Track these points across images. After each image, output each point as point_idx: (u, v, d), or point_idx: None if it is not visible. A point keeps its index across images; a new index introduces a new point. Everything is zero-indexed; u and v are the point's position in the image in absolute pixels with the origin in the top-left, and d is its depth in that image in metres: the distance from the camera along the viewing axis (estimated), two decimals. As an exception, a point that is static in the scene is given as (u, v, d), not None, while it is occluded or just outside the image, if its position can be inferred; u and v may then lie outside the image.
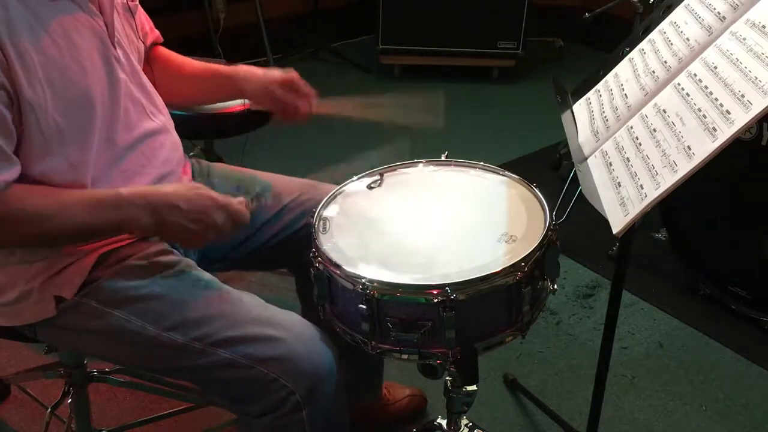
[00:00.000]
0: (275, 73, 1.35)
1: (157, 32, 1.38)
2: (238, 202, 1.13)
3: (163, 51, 1.41)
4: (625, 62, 1.27)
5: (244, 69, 1.36)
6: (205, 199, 1.09)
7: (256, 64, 4.10)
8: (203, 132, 2.05)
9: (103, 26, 1.11)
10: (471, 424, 1.44)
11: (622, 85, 1.22)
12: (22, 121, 1.00)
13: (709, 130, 0.94)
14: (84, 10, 1.08)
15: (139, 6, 1.31)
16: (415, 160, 1.33)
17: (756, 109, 0.90)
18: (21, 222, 1.01)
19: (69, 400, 1.46)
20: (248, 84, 1.35)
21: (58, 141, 1.04)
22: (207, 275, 1.20)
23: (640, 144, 1.07)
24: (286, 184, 1.42)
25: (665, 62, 1.15)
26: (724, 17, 1.08)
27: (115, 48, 1.13)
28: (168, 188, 1.12)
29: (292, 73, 1.35)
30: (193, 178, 1.37)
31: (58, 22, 1.03)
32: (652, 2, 2.12)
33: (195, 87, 1.42)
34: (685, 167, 0.94)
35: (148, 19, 1.34)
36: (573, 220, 2.33)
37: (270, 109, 1.37)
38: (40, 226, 1.02)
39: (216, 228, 1.09)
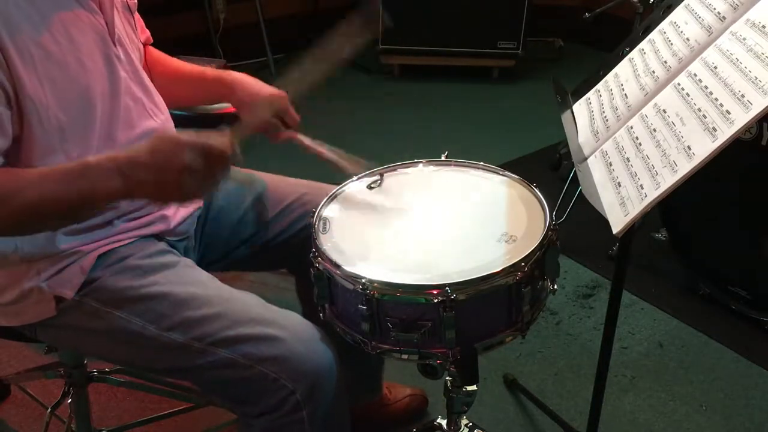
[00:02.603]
0: (266, 91, 1.32)
1: (147, 33, 1.37)
2: (215, 135, 1.01)
3: (153, 52, 1.40)
4: (625, 62, 1.27)
5: (232, 76, 1.34)
6: (166, 143, 0.99)
7: (256, 64, 4.12)
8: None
9: (103, 24, 1.11)
10: (471, 424, 1.44)
11: (622, 85, 1.23)
12: (23, 119, 1.00)
13: (709, 130, 0.94)
14: (84, 7, 1.08)
15: None
16: (415, 160, 1.33)
17: (756, 109, 0.90)
18: None
19: (69, 400, 1.46)
20: (238, 94, 1.33)
21: (60, 138, 1.04)
22: (207, 275, 1.20)
23: (640, 144, 1.07)
24: (287, 185, 1.42)
25: (665, 62, 1.15)
26: (724, 17, 1.08)
27: (115, 46, 1.13)
28: (136, 145, 1.02)
29: (280, 95, 1.32)
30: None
31: (58, 19, 1.03)
32: (652, 2, 2.11)
33: (184, 90, 1.40)
34: (685, 167, 0.95)
35: (140, 18, 1.34)
36: (573, 220, 2.34)
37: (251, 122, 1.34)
38: (8, 205, 0.96)
39: (189, 171, 0.97)
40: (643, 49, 1.24)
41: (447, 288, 1.00)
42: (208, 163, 0.98)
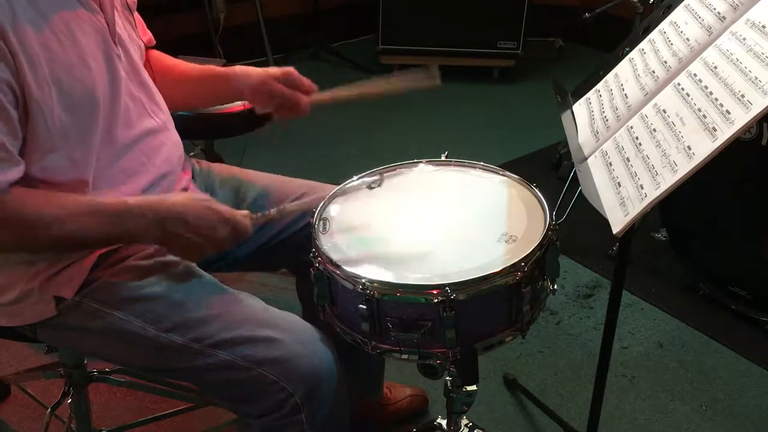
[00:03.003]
0: (273, 69, 1.32)
1: (149, 34, 1.37)
2: (242, 215, 1.12)
3: (156, 54, 1.39)
4: (625, 62, 1.27)
5: (240, 68, 1.34)
6: (213, 214, 1.09)
7: (256, 64, 4.12)
8: (203, 132, 2.05)
9: (104, 23, 1.11)
10: (471, 424, 1.43)
11: (622, 85, 1.23)
12: (28, 120, 1.00)
13: (709, 130, 0.94)
14: (85, 6, 1.08)
15: None
16: (415, 160, 1.33)
17: (756, 109, 0.90)
18: (21, 227, 1.00)
19: (69, 400, 1.46)
20: (245, 81, 1.32)
21: (62, 138, 1.04)
22: (207, 276, 1.20)
23: (640, 144, 1.07)
24: (286, 185, 1.42)
25: (665, 62, 1.15)
26: (724, 17, 1.08)
27: (116, 45, 1.13)
28: (177, 199, 1.10)
29: (290, 69, 1.33)
30: (193, 178, 1.36)
31: (61, 20, 1.03)
32: (652, 2, 2.12)
33: (190, 90, 1.40)
34: (685, 167, 0.95)
35: (141, 20, 1.34)
36: (573, 220, 2.34)
37: (269, 106, 1.33)
38: (41, 233, 1.01)
39: (218, 241, 1.09)
40: (643, 49, 1.24)
41: (447, 288, 1.00)
42: (233, 238, 1.11)
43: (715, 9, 1.11)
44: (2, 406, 1.79)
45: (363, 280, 1.02)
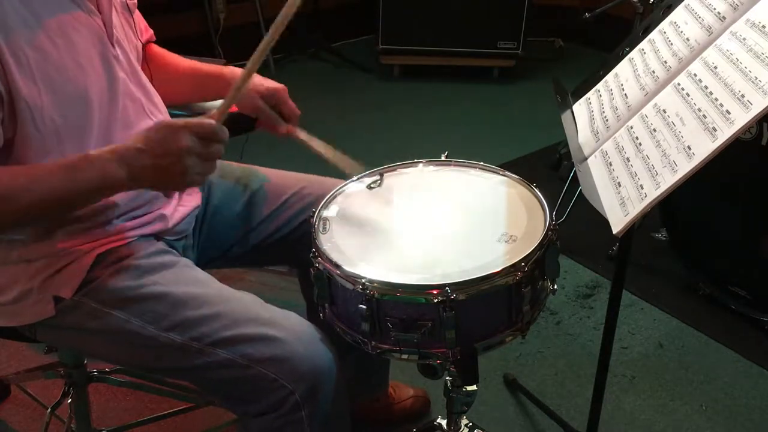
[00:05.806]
0: (263, 82, 1.34)
1: (150, 31, 1.37)
2: (202, 117, 1.04)
3: (158, 49, 1.39)
4: (625, 62, 1.27)
5: (230, 71, 1.35)
6: (162, 130, 1.01)
7: (256, 64, 4.06)
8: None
9: (101, 25, 1.11)
10: (471, 424, 1.43)
11: (622, 85, 1.22)
12: (17, 121, 1.00)
13: (709, 130, 0.94)
14: (82, 8, 1.08)
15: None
16: (415, 160, 1.33)
17: (756, 109, 0.90)
18: None
19: (69, 400, 1.47)
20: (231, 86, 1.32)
21: (56, 140, 1.04)
22: (205, 275, 1.19)
23: (640, 144, 1.07)
24: (285, 179, 1.42)
25: (665, 62, 1.15)
26: (724, 17, 1.08)
27: (113, 47, 1.13)
28: (133, 135, 1.05)
29: (279, 87, 1.34)
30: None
31: (55, 21, 1.03)
32: (652, 2, 2.12)
33: (183, 86, 1.40)
34: (685, 167, 0.94)
35: (141, 17, 1.34)
36: (573, 220, 2.34)
37: (253, 115, 1.35)
38: (17, 202, 0.98)
39: (189, 152, 1.00)
40: (643, 49, 1.24)
41: (447, 288, 1.00)
42: (204, 142, 1.02)
43: (715, 9, 1.11)
44: (2, 406, 1.80)
45: (363, 280, 1.02)
